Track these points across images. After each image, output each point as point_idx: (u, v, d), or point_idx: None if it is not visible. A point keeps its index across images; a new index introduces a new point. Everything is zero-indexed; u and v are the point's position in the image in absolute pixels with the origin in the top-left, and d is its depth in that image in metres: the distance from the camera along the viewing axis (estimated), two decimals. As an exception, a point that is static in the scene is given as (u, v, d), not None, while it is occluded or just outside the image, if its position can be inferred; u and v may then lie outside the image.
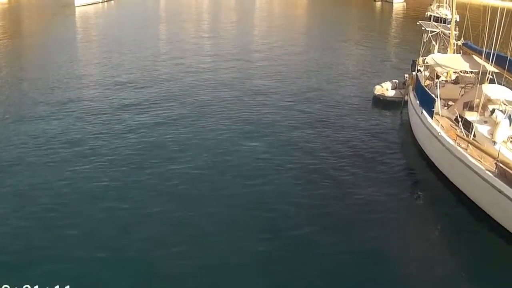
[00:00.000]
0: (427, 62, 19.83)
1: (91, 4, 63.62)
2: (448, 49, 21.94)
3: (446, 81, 20.57)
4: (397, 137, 19.83)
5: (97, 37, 43.02)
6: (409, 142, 18.95)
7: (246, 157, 17.05)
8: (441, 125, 16.08)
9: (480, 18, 17.71)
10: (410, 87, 20.79)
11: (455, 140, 14.68)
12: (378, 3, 75.55)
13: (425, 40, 22.82)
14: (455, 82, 20.29)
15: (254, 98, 24.30)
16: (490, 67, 16.84)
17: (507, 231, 12.59)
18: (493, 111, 15.49)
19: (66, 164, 16.06)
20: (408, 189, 15.91)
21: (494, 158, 12.84)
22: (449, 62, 19.11)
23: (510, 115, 14.89)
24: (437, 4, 51.58)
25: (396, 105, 22.73)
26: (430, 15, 41.84)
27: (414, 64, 22.72)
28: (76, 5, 60.31)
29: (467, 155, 13.89)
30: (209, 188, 14.77)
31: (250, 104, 23.32)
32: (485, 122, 15.49)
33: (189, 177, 15.38)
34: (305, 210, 13.69)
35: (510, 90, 16.72)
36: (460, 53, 20.73)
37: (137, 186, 14.74)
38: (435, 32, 23.11)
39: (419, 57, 22.17)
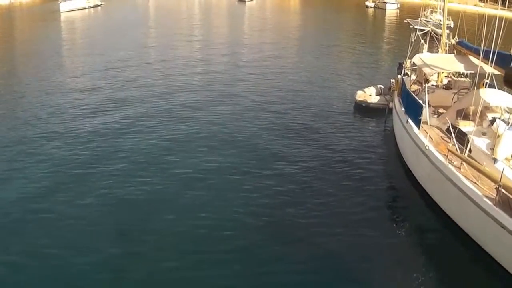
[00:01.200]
0: (413, 63, 16.92)
1: (77, 10, 61.94)
2: (440, 49, 19.12)
3: (436, 85, 17.72)
4: (379, 149, 16.86)
5: (76, 45, 40.12)
6: (393, 156, 16.05)
7: (212, 164, 14.95)
8: (430, 136, 13.15)
9: (476, 26, 14.93)
10: (396, 93, 17.92)
11: (446, 156, 11.74)
12: (371, 9, 73.57)
13: (413, 40, 19.98)
14: (447, 87, 17.42)
15: (227, 102, 21.96)
16: (490, 69, 13.99)
17: (508, 272, 9.66)
18: (493, 121, 12.60)
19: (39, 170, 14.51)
20: (387, 213, 12.99)
21: (494, 181, 9.90)
22: (440, 62, 16.19)
23: None
24: (431, 9, 49.93)
25: (380, 112, 19.83)
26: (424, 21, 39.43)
27: (400, 67, 19.98)
28: (61, 11, 59.07)
29: (460, 175, 10.96)
30: (177, 196, 13.01)
31: (220, 107, 21.02)
32: (484, 134, 12.58)
33: (149, 185, 13.59)
34: (274, 223, 11.72)
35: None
36: (453, 53, 17.83)
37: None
38: (425, 31, 20.32)
39: (406, 59, 19.37)
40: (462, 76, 18.19)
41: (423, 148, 12.67)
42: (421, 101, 14.55)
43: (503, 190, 9.61)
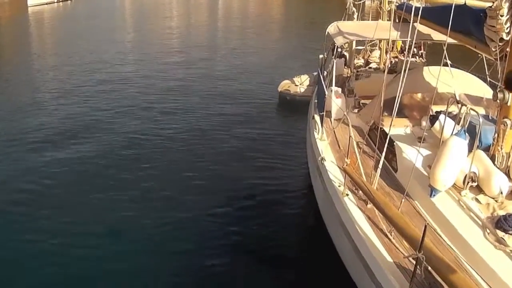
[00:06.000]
0: (327, 34, 11.60)
1: (46, 4, 57.36)
2: (380, 18, 14.03)
3: (377, 68, 12.60)
4: (289, 159, 11.78)
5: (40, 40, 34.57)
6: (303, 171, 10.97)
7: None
8: (338, 142, 7.99)
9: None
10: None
11: (345, 181, 6.50)
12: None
13: (350, 12, 15.05)
14: (391, 70, 12.11)
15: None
16: (439, 36, 8.90)
17: None
18: (436, 117, 7.34)
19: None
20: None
21: (411, 244, 4.70)
22: (359, 29, 10.82)
23: (476, 126, 6.53)
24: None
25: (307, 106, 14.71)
26: None
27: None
28: (28, 4, 54.78)
29: (358, 220, 5.79)
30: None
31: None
32: (421, 140, 7.30)
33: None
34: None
35: (476, 78, 8.75)
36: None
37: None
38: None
39: None
40: (416, 56, 13.08)
41: (319, 161, 7.50)
42: (337, 89, 9.51)
43: (425, 264, 4.41)
